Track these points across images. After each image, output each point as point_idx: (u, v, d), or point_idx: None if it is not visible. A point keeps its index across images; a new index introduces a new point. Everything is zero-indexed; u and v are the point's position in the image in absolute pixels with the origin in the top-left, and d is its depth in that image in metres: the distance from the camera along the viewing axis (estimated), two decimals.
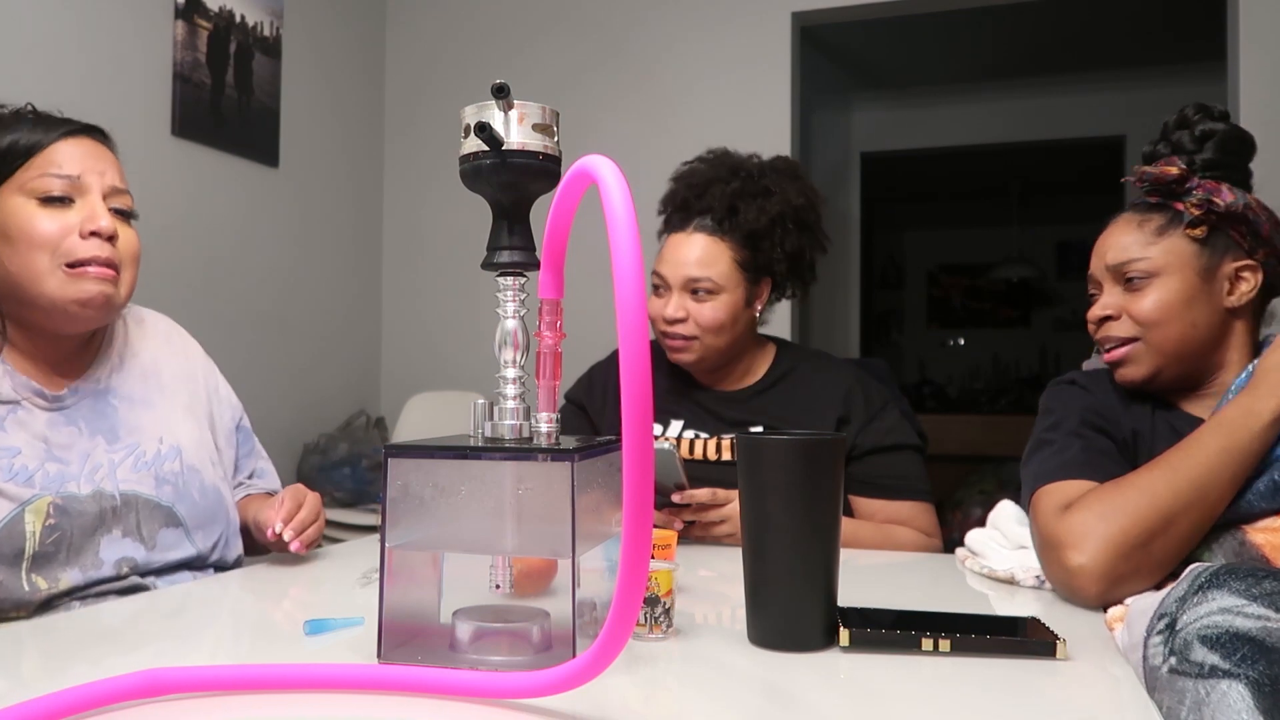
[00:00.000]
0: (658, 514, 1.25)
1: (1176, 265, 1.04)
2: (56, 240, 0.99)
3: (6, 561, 0.94)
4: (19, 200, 1.00)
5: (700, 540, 1.28)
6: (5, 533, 0.94)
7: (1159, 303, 1.04)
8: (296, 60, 2.83)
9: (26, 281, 1.00)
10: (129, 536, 1.03)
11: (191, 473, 1.12)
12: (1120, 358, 1.07)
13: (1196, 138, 1.07)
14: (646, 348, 0.49)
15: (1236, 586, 0.69)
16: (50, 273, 0.99)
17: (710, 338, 1.41)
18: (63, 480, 1.00)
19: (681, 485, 1.24)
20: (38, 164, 1.00)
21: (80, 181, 1.02)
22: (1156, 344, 1.05)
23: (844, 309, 4.59)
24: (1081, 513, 0.94)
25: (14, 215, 0.99)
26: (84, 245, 1.00)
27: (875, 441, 1.42)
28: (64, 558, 0.98)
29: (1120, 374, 1.09)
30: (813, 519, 0.75)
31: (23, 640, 0.81)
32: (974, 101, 4.73)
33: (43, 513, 0.97)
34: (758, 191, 1.43)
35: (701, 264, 1.39)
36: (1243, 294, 1.05)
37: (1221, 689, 0.63)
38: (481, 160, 0.68)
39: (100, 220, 1.01)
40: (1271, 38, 2.53)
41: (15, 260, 0.99)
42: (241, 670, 0.64)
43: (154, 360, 1.17)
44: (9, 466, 0.97)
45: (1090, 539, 0.91)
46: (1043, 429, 1.10)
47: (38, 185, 1.00)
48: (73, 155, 1.02)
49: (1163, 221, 1.06)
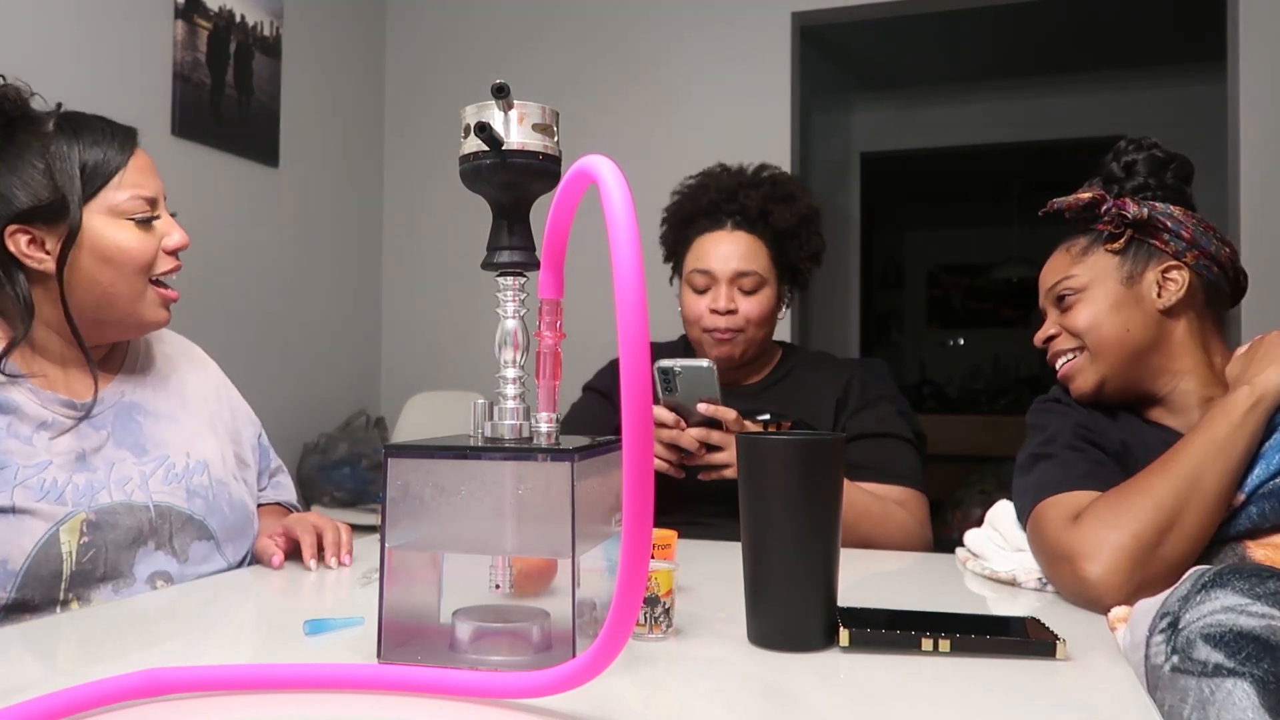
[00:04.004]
0: (683, 435, 1.28)
1: (1100, 278, 1.12)
2: (152, 260, 1.04)
3: (44, 585, 0.93)
4: (113, 221, 1.02)
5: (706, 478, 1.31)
6: (41, 556, 0.94)
7: (1088, 314, 1.12)
8: (296, 60, 2.83)
9: (124, 302, 1.03)
10: (162, 549, 1.03)
11: (220, 486, 1.12)
12: (1069, 371, 1.15)
13: (1124, 165, 1.16)
14: (647, 348, 0.49)
15: (1240, 586, 0.69)
16: (144, 292, 1.04)
17: (754, 330, 1.45)
18: (93, 491, 1.00)
19: (715, 402, 1.28)
20: (123, 183, 1.03)
21: (156, 200, 1.06)
22: (1094, 350, 1.11)
23: (844, 309, 4.59)
24: (1090, 523, 0.95)
25: (113, 237, 1.01)
26: (167, 260, 1.06)
27: (867, 427, 1.44)
28: (100, 574, 0.98)
29: (1073, 389, 1.15)
30: (813, 519, 0.75)
31: (12, 643, 0.81)
32: (974, 101, 4.73)
33: (77, 530, 0.97)
34: (784, 195, 1.48)
35: (746, 258, 1.44)
36: (1172, 294, 1.09)
37: (1226, 687, 0.63)
38: (481, 160, 0.68)
39: (177, 236, 1.07)
40: (1271, 38, 2.53)
41: (120, 283, 1.02)
42: (241, 670, 0.64)
43: (177, 377, 1.17)
44: (40, 484, 0.96)
45: (1103, 549, 0.92)
46: (1036, 444, 1.12)
47: (129, 207, 1.03)
48: (143, 172, 1.05)
49: (1086, 243, 1.15)
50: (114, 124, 1.06)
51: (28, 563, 0.93)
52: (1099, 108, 4.55)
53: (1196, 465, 0.94)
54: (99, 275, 1.01)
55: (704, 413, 1.27)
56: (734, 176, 1.50)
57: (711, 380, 1.26)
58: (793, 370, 1.53)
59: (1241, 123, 2.55)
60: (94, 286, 1.01)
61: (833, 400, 1.47)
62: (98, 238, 1.00)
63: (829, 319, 4.51)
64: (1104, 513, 0.95)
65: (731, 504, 0.86)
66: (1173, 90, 4.40)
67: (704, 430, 1.28)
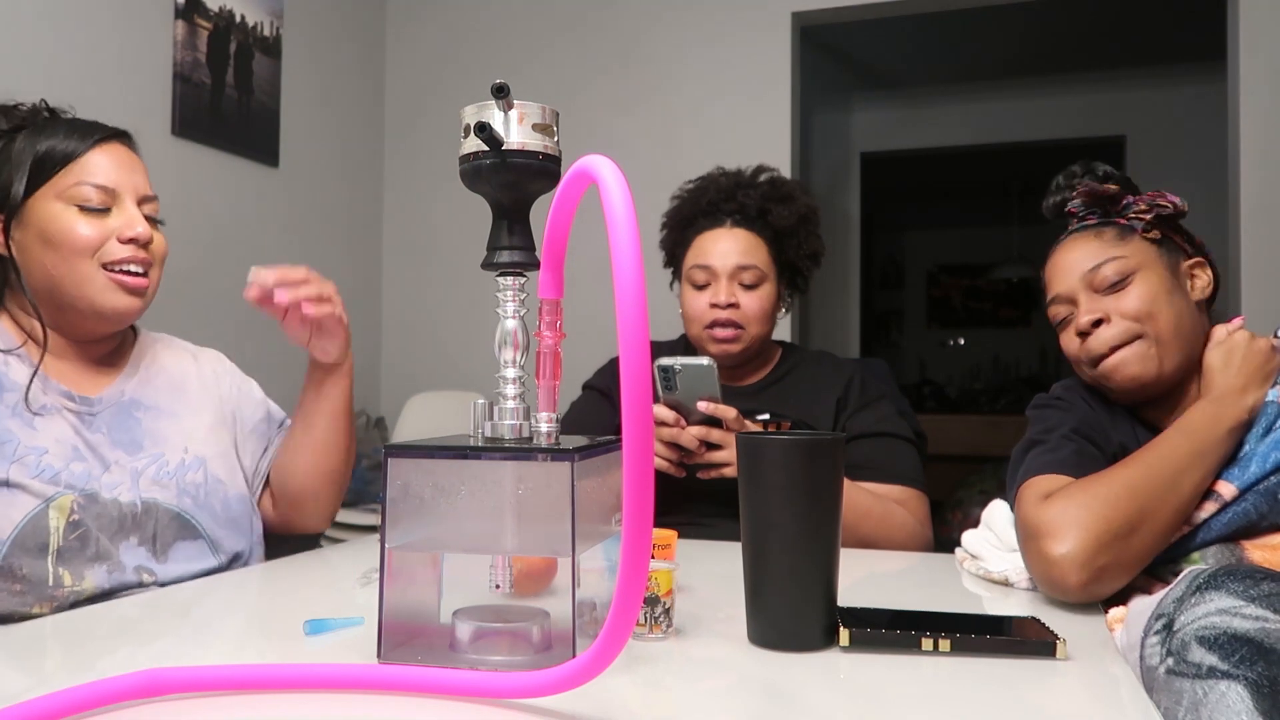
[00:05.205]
0: (682, 433, 1.28)
1: (1148, 262, 1.07)
2: (97, 245, 1.04)
3: (32, 554, 0.96)
4: (58, 206, 1.03)
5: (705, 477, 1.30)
6: (30, 527, 0.96)
7: (1146, 295, 1.05)
8: (296, 60, 2.83)
9: (69, 285, 1.03)
10: (144, 546, 1.04)
11: (215, 484, 1.12)
12: (1124, 359, 1.06)
13: (1103, 176, 1.15)
14: (647, 348, 0.49)
15: (1235, 588, 0.69)
16: (92, 277, 1.04)
17: (755, 327, 1.45)
18: (87, 479, 1.02)
19: (715, 400, 1.27)
20: (74, 171, 1.04)
21: (115, 191, 1.06)
22: (1155, 335, 1.05)
23: (844, 309, 4.59)
24: (1062, 502, 0.94)
25: (55, 221, 1.03)
26: (122, 248, 1.05)
27: (867, 427, 1.43)
28: (90, 554, 0.99)
29: (1124, 376, 1.06)
30: (813, 519, 0.75)
31: (9, 642, 0.81)
32: (974, 101, 4.73)
33: (66, 509, 0.99)
34: (782, 195, 1.48)
35: (746, 253, 1.44)
36: (1200, 290, 1.09)
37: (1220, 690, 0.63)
38: (481, 160, 0.68)
39: (137, 228, 1.06)
40: (1271, 38, 2.53)
41: (60, 265, 1.03)
42: (241, 670, 0.64)
43: (180, 372, 1.19)
44: (36, 463, 0.99)
45: (1072, 528, 0.91)
46: (1035, 432, 1.11)
47: (75, 193, 1.03)
48: (106, 165, 1.06)
49: (1116, 231, 1.09)
50: (89, 122, 1.08)
51: (15, 533, 0.95)
52: (1099, 108, 4.55)
53: (1178, 472, 0.94)
54: (43, 258, 1.03)
55: (704, 411, 1.27)
56: (732, 178, 1.51)
57: (712, 378, 1.26)
58: (792, 370, 1.53)
59: (1241, 123, 2.55)
60: (40, 269, 1.04)
61: (833, 400, 1.47)
62: (41, 221, 1.03)
63: (829, 319, 4.51)
64: (1078, 494, 0.94)
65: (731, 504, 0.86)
66: (1173, 90, 4.40)
67: (704, 429, 1.28)
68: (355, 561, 1.12)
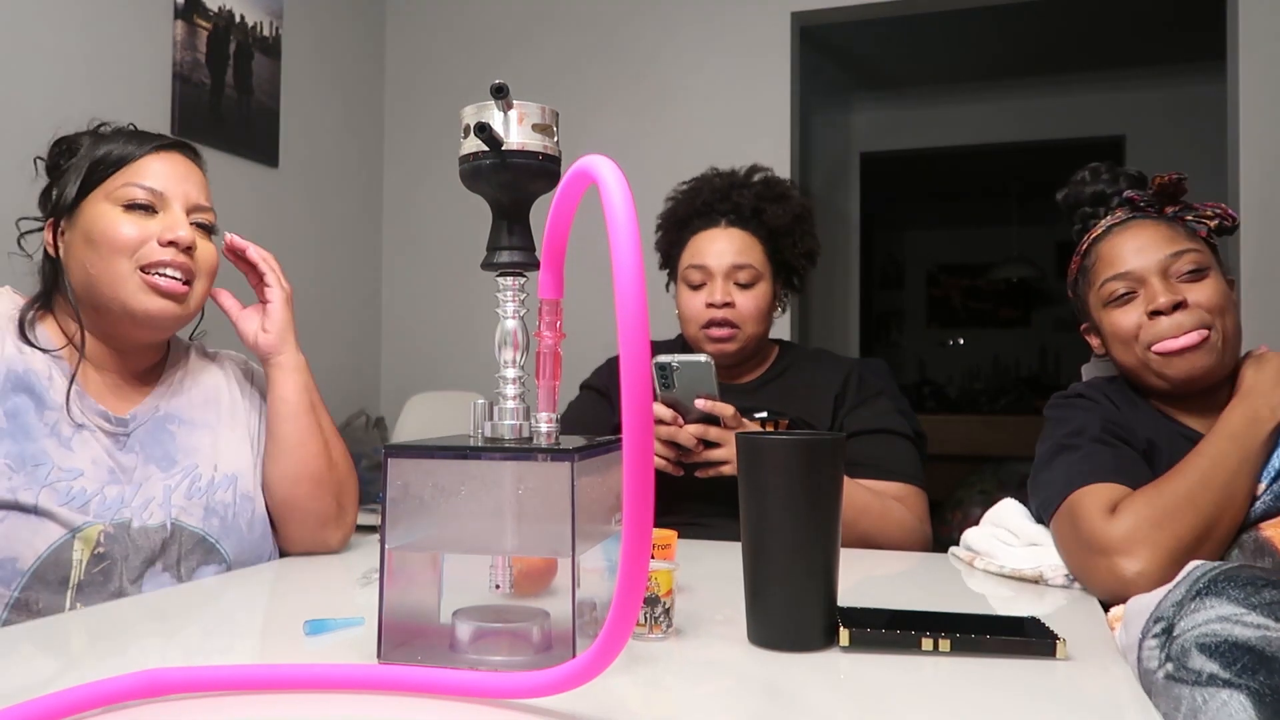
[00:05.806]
0: (680, 431, 1.28)
1: (1214, 263, 1.09)
2: (136, 245, 1.03)
3: (51, 588, 0.94)
4: (104, 206, 1.04)
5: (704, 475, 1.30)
6: (52, 559, 0.94)
7: (1219, 292, 1.07)
8: (296, 60, 2.83)
9: (105, 285, 1.03)
10: (168, 571, 1.03)
11: (245, 502, 1.11)
12: (1198, 342, 1.05)
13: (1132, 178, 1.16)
14: (647, 348, 0.49)
15: (1235, 595, 0.68)
16: (127, 277, 1.03)
17: (751, 326, 1.45)
18: (119, 506, 1.01)
19: (713, 398, 1.27)
20: (126, 174, 1.05)
21: (163, 195, 1.06)
22: (1222, 331, 1.07)
23: (844, 309, 4.59)
24: (1130, 519, 0.95)
25: (99, 220, 1.03)
26: (161, 251, 1.04)
27: (866, 424, 1.43)
28: (113, 589, 0.98)
29: (1192, 364, 1.06)
30: (813, 519, 0.74)
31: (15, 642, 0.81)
32: (974, 101, 4.73)
33: (92, 541, 0.97)
34: (777, 195, 1.48)
35: (742, 252, 1.45)
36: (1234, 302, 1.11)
37: (1221, 698, 0.62)
38: (481, 160, 0.68)
39: (179, 230, 1.05)
40: (1271, 38, 2.53)
41: (98, 264, 1.03)
42: (241, 670, 0.64)
43: (215, 386, 1.17)
44: (68, 489, 0.97)
45: (1146, 546, 0.93)
46: (1061, 435, 1.10)
47: (122, 193, 1.04)
48: (159, 169, 1.06)
49: (1185, 227, 1.10)
50: (152, 133, 1.10)
51: (37, 564, 0.93)
52: (1099, 108, 4.55)
53: (1232, 479, 0.96)
54: (84, 257, 1.03)
55: (702, 409, 1.27)
56: (726, 178, 1.51)
57: (709, 375, 1.26)
58: (790, 367, 1.53)
59: (1241, 123, 2.55)
60: (80, 269, 1.04)
61: (831, 397, 1.46)
62: (88, 221, 1.03)
63: (829, 319, 4.51)
64: (1144, 509, 0.95)
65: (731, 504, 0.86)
66: (1173, 90, 4.40)
67: (702, 426, 1.28)
68: (355, 561, 1.12)
